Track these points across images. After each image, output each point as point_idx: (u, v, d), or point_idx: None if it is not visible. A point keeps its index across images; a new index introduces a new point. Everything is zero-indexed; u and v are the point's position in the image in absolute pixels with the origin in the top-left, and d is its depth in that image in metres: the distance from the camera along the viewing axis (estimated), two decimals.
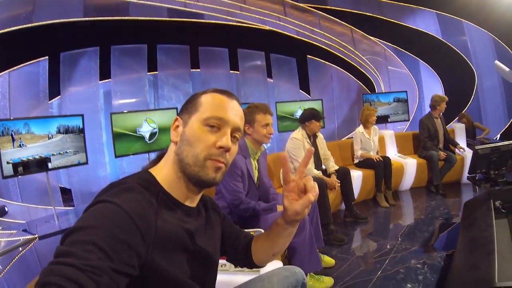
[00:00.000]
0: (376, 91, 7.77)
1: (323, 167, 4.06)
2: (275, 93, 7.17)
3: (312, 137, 3.87)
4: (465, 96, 8.13)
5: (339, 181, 3.77)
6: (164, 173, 0.98)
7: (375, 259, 3.07)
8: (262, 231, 2.34)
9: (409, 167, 5.02)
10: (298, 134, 3.76)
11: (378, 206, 4.47)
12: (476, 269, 2.01)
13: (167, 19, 6.18)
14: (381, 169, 4.51)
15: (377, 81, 8.04)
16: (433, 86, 8.15)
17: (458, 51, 8.26)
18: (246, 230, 2.48)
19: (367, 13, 8.04)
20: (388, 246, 3.29)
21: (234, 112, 0.99)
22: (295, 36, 7.53)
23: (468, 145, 5.52)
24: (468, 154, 5.17)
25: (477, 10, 7.92)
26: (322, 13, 7.80)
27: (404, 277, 2.69)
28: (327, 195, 3.50)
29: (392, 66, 8.23)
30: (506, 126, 7.90)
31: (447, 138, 5.24)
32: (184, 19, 6.31)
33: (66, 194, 5.11)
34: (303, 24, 7.59)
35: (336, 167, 3.96)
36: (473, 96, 8.19)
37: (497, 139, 7.51)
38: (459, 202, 4.59)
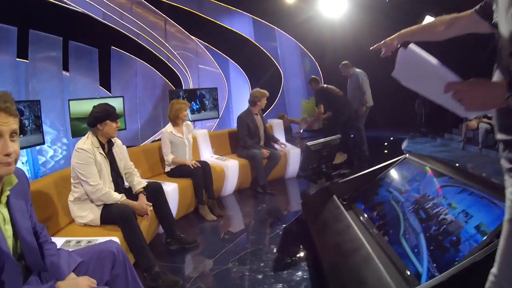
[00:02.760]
0: (183, 88, 7.32)
1: (126, 184, 2.92)
2: (70, 89, 6.01)
3: (108, 145, 2.70)
4: (272, 94, 8.57)
5: (150, 204, 2.72)
6: None
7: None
8: None
9: (230, 170, 4.38)
10: (87, 142, 2.54)
11: (204, 221, 3.61)
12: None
13: None
14: (200, 176, 3.69)
15: (185, 78, 7.58)
16: (241, 85, 8.32)
17: (269, 54, 8.66)
18: None
19: (185, 7, 7.55)
20: (230, 264, 2.68)
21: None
22: (101, 19, 6.34)
23: (287, 140, 5.41)
24: (291, 149, 5.02)
25: (287, 19, 8.45)
26: None
27: None
28: (139, 228, 2.42)
29: (203, 63, 7.97)
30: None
31: (268, 135, 4.94)
32: None
33: None
34: (112, 5, 6.47)
35: (144, 184, 2.87)
36: (279, 94, 8.72)
37: (301, 131, 8.01)
38: (291, 198, 4.45)
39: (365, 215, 2.59)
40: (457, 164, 5.12)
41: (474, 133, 7.63)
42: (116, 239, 2.19)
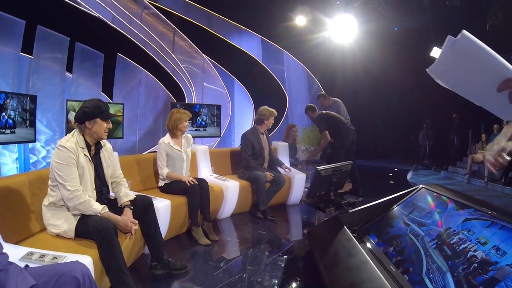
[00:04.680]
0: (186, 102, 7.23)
1: (111, 195, 2.61)
2: (71, 91, 5.95)
3: (95, 147, 2.41)
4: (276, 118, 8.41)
5: (136, 221, 2.39)
6: None
7: None
8: None
9: (230, 191, 4.05)
10: (71, 140, 2.23)
11: (196, 244, 3.26)
12: None
13: None
14: (196, 195, 3.37)
15: (189, 92, 7.48)
16: (245, 106, 8.23)
17: (276, 77, 8.55)
18: None
19: (194, 21, 7.57)
20: None
21: None
22: (110, 22, 6.31)
23: (291, 165, 5.12)
24: (296, 174, 4.72)
25: (297, 42, 8.45)
26: (149, 2, 6.84)
27: None
28: (119, 247, 2.09)
29: (209, 79, 7.88)
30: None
31: (273, 157, 4.64)
32: None
33: None
34: (122, 9, 6.47)
35: (132, 196, 2.56)
36: (282, 119, 8.55)
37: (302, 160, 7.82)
38: (293, 226, 4.12)
39: (380, 250, 2.28)
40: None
41: (479, 167, 7.44)
42: (88, 258, 1.88)
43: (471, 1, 7.50)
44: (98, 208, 2.20)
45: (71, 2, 5.78)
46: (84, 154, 2.26)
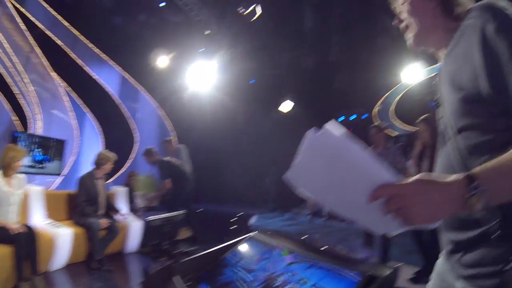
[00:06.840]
0: (29, 131, 6.22)
1: None
2: None
3: None
4: (123, 158, 7.84)
5: None
6: None
7: None
8: None
9: (62, 239, 3.71)
10: None
11: None
12: None
13: None
14: (23, 244, 3.03)
15: (34, 119, 6.48)
16: (95, 142, 7.61)
17: (129, 115, 8.32)
18: None
19: (58, 40, 6.83)
20: None
21: None
22: None
23: (131, 211, 5.03)
24: (133, 222, 4.61)
25: (154, 83, 8.46)
26: (13, 5, 5.86)
27: None
28: None
29: (60, 108, 7.05)
30: None
31: (109, 202, 4.45)
32: None
33: None
34: None
35: None
36: (131, 160, 8.13)
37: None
38: (131, 276, 4.12)
39: None
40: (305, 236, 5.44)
41: (320, 206, 8.39)
42: None
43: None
44: None
45: None
46: None
